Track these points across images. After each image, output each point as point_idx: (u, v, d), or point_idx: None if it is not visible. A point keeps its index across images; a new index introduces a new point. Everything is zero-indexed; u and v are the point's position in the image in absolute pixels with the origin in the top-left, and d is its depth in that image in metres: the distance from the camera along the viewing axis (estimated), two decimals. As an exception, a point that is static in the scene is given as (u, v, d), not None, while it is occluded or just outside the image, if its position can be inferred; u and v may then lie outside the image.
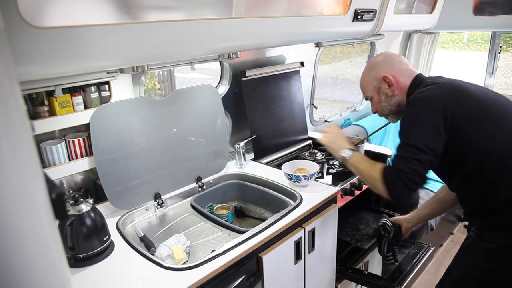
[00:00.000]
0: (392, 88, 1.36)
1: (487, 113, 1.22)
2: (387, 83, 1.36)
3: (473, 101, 1.22)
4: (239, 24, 1.30)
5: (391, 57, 1.40)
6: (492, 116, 1.22)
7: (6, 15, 0.73)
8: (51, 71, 0.99)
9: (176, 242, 1.31)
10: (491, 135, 1.19)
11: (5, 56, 0.39)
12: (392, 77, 1.35)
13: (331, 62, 3.13)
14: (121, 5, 0.97)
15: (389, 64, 1.37)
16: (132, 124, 1.46)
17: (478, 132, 1.19)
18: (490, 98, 1.26)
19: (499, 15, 2.72)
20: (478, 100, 1.23)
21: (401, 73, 1.36)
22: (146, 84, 2.58)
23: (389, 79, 1.35)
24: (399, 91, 1.37)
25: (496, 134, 1.20)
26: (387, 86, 1.36)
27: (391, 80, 1.35)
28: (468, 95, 1.23)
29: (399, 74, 1.36)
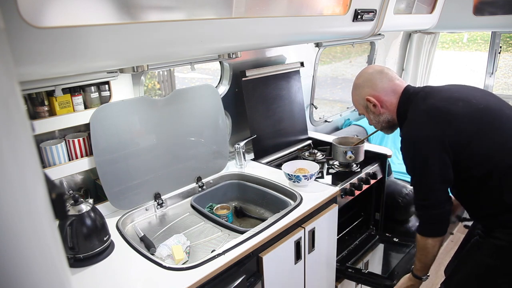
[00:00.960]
0: (377, 108, 1.37)
1: (480, 129, 1.21)
2: (371, 104, 1.37)
3: (464, 123, 1.21)
4: (239, 24, 1.30)
5: (371, 76, 1.37)
6: (487, 128, 1.21)
7: (6, 15, 0.73)
8: (51, 71, 0.99)
9: (176, 242, 1.31)
10: (491, 147, 1.20)
11: (5, 56, 0.39)
12: (375, 98, 1.36)
13: (331, 62, 3.13)
14: (121, 5, 0.97)
15: (370, 85, 1.37)
16: (132, 124, 1.46)
17: (478, 150, 1.20)
18: (482, 108, 1.23)
19: (499, 15, 2.72)
20: (470, 119, 1.21)
21: (385, 91, 1.35)
22: (146, 84, 2.58)
23: (372, 101, 1.36)
24: (386, 109, 1.37)
25: (495, 145, 1.20)
26: (372, 106, 1.37)
27: (374, 101, 1.36)
28: (458, 119, 1.21)
29: (382, 93, 1.35)
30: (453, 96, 1.26)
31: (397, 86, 1.36)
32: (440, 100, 1.26)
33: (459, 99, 1.25)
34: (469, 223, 1.67)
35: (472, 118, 1.21)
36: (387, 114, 1.38)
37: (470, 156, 1.20)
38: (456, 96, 1.26)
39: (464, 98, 1.25)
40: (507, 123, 1.22)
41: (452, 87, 1.33)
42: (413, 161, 1.27)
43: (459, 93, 1.28)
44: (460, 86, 1.34)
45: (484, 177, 1.20)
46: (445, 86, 1.35)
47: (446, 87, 1.33)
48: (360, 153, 1.90)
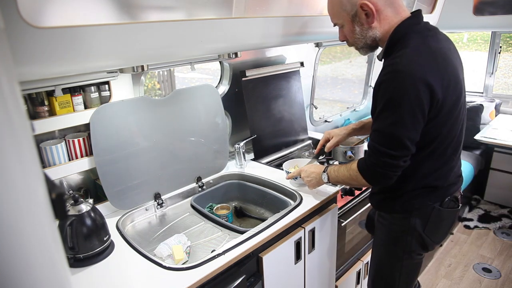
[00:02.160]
0: (370, 19, 1.13)
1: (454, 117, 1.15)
2: (364, 12, 1.12)
3: (455, 83, 1.12)
4: (239, 24, 1.30)
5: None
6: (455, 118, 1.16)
7: (6, 15, 0.73)
8: (51, 71, 0.99)
9: (176, 242, 1.31)
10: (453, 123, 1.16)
11: (5, 56, 0.39)
12: (373, 5, 1.11)
13: (331, 62, 3.13)
14: (121, 5, 0.97)
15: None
16: (132, 124, 1.46)
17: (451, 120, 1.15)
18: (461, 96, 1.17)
19: (499, 15, 2.72)
20: (459, 82, 1.14)
21: (389, 2, 1.12)
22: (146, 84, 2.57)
23: (369, 8, 1.11)
24: (378, 23, 1.14)
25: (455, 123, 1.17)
26: (364, 15, 1.13)
27: (370, 9, 1.11)
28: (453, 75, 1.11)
29: (385, 3, 1.12)
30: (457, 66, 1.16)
31: (402, 8, 1.15)
32: (437, 42, 1.13)
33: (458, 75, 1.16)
34: (470, 223, 1.69)
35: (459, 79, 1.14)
36: (377, 30, 1.15)
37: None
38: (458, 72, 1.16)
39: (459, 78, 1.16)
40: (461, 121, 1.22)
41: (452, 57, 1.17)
42: (390, 95, 1.07)
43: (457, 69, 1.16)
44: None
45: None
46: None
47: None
48: (360, 153, 1.90)
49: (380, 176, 1.18)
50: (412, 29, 1.13)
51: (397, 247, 1.32)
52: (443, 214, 1.27)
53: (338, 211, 1.67)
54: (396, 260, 1.35)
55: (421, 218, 1.26)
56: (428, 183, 1.23)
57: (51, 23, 0.83)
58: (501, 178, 3.13)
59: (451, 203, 1.28)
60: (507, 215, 3.05)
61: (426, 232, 1.27)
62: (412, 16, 1.15)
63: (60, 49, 0.88)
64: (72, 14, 0.86)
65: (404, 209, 1.28)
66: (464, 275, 2.45)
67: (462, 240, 2.83)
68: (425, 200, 1.25)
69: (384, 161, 1.13)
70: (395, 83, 1.06)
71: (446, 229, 1.35)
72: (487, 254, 2.65)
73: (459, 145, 1.25)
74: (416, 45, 1.09)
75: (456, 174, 1.30)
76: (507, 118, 3.26)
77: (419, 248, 1.31)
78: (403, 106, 1.05)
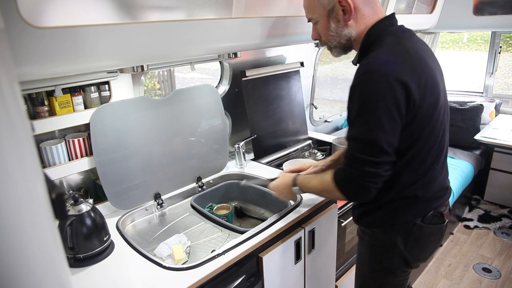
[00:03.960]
0: (347, 16, 1.08)
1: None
2: (342, 8, 1.07)
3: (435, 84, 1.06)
4: (239, 24, 1.30)
5: None
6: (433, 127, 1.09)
7: (6, 15, 0.73)
8: (51, 71, 0.99)
9: (177, 242, 1.31)
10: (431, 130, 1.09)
11: (5, 56, 0.39)
12: (352, 1, 1.06)
13: (331, 62, 3.13)
14: (121, 5, 0.97)
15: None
16: (132, 124, 1.46)
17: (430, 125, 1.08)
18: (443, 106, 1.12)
19: (499, 15, 2.72)
20: (437, 83, 1.07)
21: (368, 1, 1.08)
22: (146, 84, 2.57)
23: (347, 3, 1.06)
24: (355, 22, 1.09)
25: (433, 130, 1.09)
26: (341, 11, 1.08)
27: (348, 5, 1.06)
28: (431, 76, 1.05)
29: (362, 1, 1.07)
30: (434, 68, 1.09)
31: (379, 9, 1.11)
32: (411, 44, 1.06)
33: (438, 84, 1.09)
34: (469, 223, 1.67)
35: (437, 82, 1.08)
36: (353, 29, 1.10)
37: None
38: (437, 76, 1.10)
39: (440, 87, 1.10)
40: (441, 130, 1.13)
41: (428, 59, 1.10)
42: (363, 98, 1.02)
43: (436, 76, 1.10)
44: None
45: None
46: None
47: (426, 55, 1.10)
48: None
49: (360, 188, 1.06)
50: (387, 30, 1.08)
51: (378, 264, 1.25)
52: (425, 230, 1.17)
53: (338, 211, 1.67)
54: (380, 277, 1.28)
55: (401, 234, 1.17)
56: (408, 194, 1.14)
57: (51, 23, 0.83)
58: (501, 178, 3.13)
59: (434, 219, 1.17)
60: (507, 215, 3.05)
61: (407, 249, 1.18)
62: (387, 18, 1.11)
63: (60, 49, 0.88)
64: (72, 14, 0.86)
65: (383, 224, 1.19)
66: (464, 275, 2.46)
67: (462, 240, 2.83)
68: (406, 215, 1.16)
69: (365, 170, 1.03)
70: (369, 85, 1.00)
71: (432, 246, 1.25)
72: (487, 254, 2.65)
73: (440, 154, 1.15)
74: (391, 45, 1.04)
75: (441, 186, 1.19)
76: (507, 118, 3.26)
77: (402, 265, 1.22)
78: (380, 109, 0.98)
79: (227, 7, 1.25)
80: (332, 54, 1.21)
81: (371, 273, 1.30)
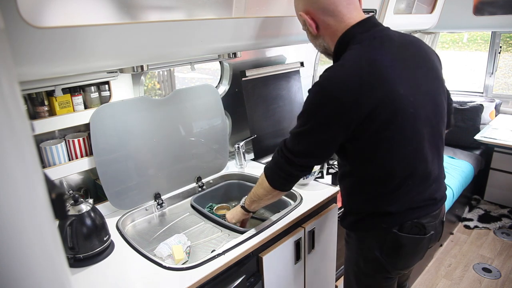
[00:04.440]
0: (312, 28, 1.11)
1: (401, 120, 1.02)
2: (308, 23, 1.11)
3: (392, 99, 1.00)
4: (239, 24, 1.30)
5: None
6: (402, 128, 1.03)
7: (6, 15, 0.73)
8: (51, 71, 0.99)
9: (177, 242, 1.31)
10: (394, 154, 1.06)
11: (5, 56, 0.39)
12: (309, 16, 1.09)
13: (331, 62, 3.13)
14: (121, 5, 0.97)
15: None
16: (132, 124, 1.46)
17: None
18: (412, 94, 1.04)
19: (499, 15, 2.72)
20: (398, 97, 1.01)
21: (329, 11, 1.06)
22: (146, 84, 2.57)
23: (305, 18, 1.10)
24: (322, 32, 1.11)
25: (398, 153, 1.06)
26: (308, 25, 1.11)
27: (307, 21, 1.10)
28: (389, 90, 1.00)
29: (324, 13, 1.07)
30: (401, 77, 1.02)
31: (351, 15, 1.07)
32: (376, 55, 1.01)
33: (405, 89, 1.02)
34: (469, 223, 1.67)
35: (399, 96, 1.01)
36: (324, 39, 1.12)
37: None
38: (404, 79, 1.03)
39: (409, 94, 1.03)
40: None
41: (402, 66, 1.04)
42: (306, 107, 1.07)
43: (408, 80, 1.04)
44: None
45: None
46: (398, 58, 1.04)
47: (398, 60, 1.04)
48: None
49: (275, 174, 1.17)
50: (356, 38, 1.05)
51: (359, 268, 1.24)
52: (402, 239, 1.11)
53: (338, 211, 1.67)
54: (362, 280, 1.26)
55: (377, 241, 1.15)
56: (378, 208, 1.12)
57: (51, 23, 0.83)
58: (501, 178, 3.13)
59: (413, 229, 1.11)
60: (507, 215, 3.05)
61: (384, 257, 1.15)
62: (358, 24, 1.06)
63: (60, 49, 0.88)
64: (72, 14, 0.86)
65: (360, 228, 1.19)
66: (464, 275, 2.46)
67: (462, 240, 2.83)
68: (379, 222, 1.12)
69: (284, 158, 1.12)
70: (312, 97, 1.04)
71: (413, 257, 1.19)
72: (487, 254, 2.65)
73: (415, 168, 1.08)
74: (350, 58, 1.02)
75: (425, 197, 1.12)
76: (507, 118, 3.26)
77: (381, 271, 1.19)
78: (313, 122, 1.04)
79: (227, 7, 1.25)
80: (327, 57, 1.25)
81: (354, 275, 1.29)
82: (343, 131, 1.03)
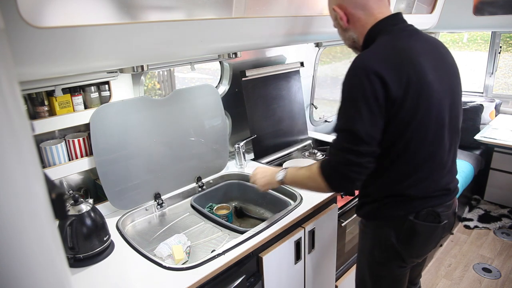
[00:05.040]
0: (343, 22, 1.17)
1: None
2: (339, 16, 1.17)
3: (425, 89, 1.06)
4: (239, 24, 1.30)
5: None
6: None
7: (6, 15, 0.73)
8: (51, 71, 0.99)
9: (177, 242, 1.31)
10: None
11: (5, 56, 0.39)
12: (341, 10, 1.16)
13: (331, 62, 3.12)
14: (121, 5, 0.97)
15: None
16: (132, 124, 1.46)
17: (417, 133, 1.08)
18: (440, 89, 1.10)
19: (499, 15, 2.72)
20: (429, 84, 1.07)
21: (360, 5, 1.13)
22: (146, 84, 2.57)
23: (337, 12, 1.16)
24: (352, 25, 1.17)
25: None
26: (339, 19, 1.18)
27: (339, 13, 1.16)
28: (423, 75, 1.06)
29: (351, 6, 1.14)
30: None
31: (380, 10, 1.14)
32: (408, 44, 1.09)
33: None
34: (469, 223, 1.67)
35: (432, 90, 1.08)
36: (353, 32, 1.18)
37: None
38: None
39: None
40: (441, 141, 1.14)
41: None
42: (344, 92, 1.08)
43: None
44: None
45: None
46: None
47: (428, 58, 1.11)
48: None
49: (342, 177, 1.09)
50: (386, 29, 1.12)
51: (373, 257, 1.26)
52: (418, 227, 1.16)
53: (338, 211, 1.67)
54: (375, 270, 1.29)
55: (394, 229, 1.18)
56: (399, 191, 1.15)
57: (51, 23, 0.83)
58: (501, 178, 3.12)
59: (429, 217, 1.16)
60: (507, 215, 3.05)
61: (400, 244, 1.18)
62: (388, 18, 1.14)
63: (60, 49, 0.88)
64: (72, 14, 0.86)
65: (377, 216, 1.21)
66: (464, 275, 2.46)
67: (462, 240, 2.83)
68: (398, 210, 1.16)
69: (348, 158, 1.06)
70: (350, 79, 1.07)
71: (427, 245, 1.23)
72: (487, 254, 2.65)
73: (436, 153, 1.14)
74: (380, 44, 1.10)
75: (440, 187, 1.18)
76: (507, 118, 3.26)
77: (397, 260, 1.22)
78: (359, 101, 1.03)
79: (227, 7, 1.25)
80: (354, 51, 1.28)
81: (367, 265, 1.31)
82: (383, 108, 1.04)
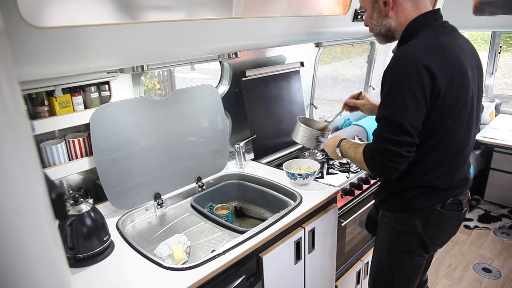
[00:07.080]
0: (387, 8, 1.19)
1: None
2: (383, 0, 1.18)
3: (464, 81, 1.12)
4: (239, 24, 1.30)
5: None
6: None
7: (6, 15, 0.73)
8: (51, 71, 0.99)
9: (177, 242, 1.31)
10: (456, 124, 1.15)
11: (5, 56, 0.39)
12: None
13: (331, 62, 3.12)
14: (121, 5, 0.97)
15: None
16: (132, 124, 1.46)
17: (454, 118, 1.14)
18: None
19: (499, 15, 2.72)
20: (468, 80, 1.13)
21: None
22: (146, 84, 2.57)
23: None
24: (395, 14, 1.19)
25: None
26: (382, 3, 1.19)
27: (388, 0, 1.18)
28: (463, 73, 1.12)
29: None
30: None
31: (424, 3, 1.18)
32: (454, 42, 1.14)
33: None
34: (470, 223, 1.69)
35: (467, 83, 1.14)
36: (392, 20, 1.20)
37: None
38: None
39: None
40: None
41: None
42: (392, 81, 1.10)
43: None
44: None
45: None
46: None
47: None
48: None
49: (382, 166, 1.14)
50: (428, 24, 1.16)
51: (397, 247, 1.32)
52: (444, 216, 1.24)
53: (338, 211, 1.67)
54: (396, 259, 1.34)
55: (421, 218, 1.25)
56: (428, 183, 1.21)
57: (51, 23, 0.83)
58: (501, 178, 3.13)
59: (453, 206, 1.25)
60: (507, 215, 3.05)
61: (426, 233, 1.25)
62: (430, 12, 1.18)
63: (60, 49, 0.88)
64: (72, 14, 0.86)
65: (404, 208, 1.26)
66: (464, 275, 2.46)
67: (462, 240, 2.83)
68: (425, 201, 1.23)
69: (387, 148, 1.10)
70: (398, 69, 1.09)
71: (449, 232, 1.33)
72: (487, 254, 2.65)
73: (464, 146, 1.23)
74: (425, 37, 1.13)
75: (461, 177, 1.27)
76: (507, 118, 3.26)
77: (419, 249, 1.29)
78: (406, 91, 1.06)
79: (227, 7, 1.25)
80: (377, 40, 1.32)
81: (388, 256, 1.35)
82: (428, 99, 1.08)
